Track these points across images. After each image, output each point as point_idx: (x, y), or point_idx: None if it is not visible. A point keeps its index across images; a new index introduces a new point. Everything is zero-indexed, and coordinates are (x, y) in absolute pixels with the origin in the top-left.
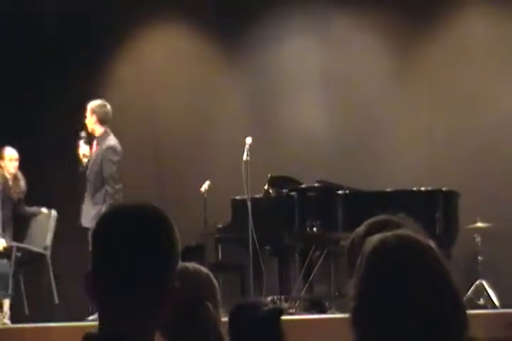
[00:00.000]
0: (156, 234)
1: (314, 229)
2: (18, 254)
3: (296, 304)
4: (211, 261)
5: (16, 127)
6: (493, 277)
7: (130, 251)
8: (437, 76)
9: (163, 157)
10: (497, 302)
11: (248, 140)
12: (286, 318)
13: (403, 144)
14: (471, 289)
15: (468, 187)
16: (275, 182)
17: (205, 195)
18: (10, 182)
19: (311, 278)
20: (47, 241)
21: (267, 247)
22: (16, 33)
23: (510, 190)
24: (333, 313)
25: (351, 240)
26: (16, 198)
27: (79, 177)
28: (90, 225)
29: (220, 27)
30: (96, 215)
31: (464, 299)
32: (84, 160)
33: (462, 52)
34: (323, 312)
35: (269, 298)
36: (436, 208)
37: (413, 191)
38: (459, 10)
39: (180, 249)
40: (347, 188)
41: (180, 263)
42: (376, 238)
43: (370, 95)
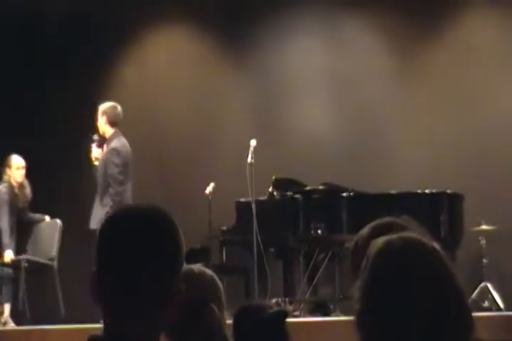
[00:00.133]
0: (161, 236)
1: (319, 232)
2: (26, 265)
3: (300, 306)
4: (216, 263)
5: (16, 127)
6: (497, 279)
7: (135, 252)
8: (441, 77)
9: (167, 159)
10: (502, 304)
11: (253, 142)
12: (290, 321)
13: (406, 145)
14: (476, 291)
15: (471, 188)
16: (280, 184)
17: (209, 197)
18: (16, 190)
19: (316, 281)
20: (53, 251)
21: (272, 249)
22: (16, 33)
23: None
24: (337, 316)
25: (355, 242)
26: (21, 206)
27: (92, 179)
28: (97, 227)
29: (224, 28)
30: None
31: (469, 301)
32: (95, 163)
33: (465, 53)
34: (327, 314)
35: (273, 301)
36: (440, 210)
37: (418, 193)
38: (462, 12)
39: (185, 251)
40: (351, 190)
41: (185, 265)
42: (381, 240)
43: (375, 96)
